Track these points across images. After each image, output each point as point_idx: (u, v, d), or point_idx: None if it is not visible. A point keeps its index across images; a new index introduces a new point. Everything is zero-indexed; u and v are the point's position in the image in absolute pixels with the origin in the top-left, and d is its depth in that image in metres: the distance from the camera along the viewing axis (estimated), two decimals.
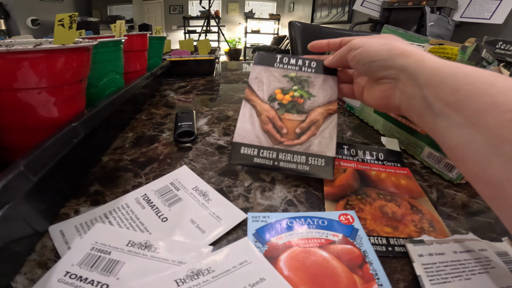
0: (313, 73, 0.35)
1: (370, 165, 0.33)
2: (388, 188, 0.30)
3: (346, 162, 0.33)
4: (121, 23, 0.45)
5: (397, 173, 0.32)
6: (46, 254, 0.20)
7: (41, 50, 0.22)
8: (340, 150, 0.35)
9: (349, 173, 0.31)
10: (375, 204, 0.27)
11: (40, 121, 0.24)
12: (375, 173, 0.32)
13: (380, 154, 0.35)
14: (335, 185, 0.29)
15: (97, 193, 0.27)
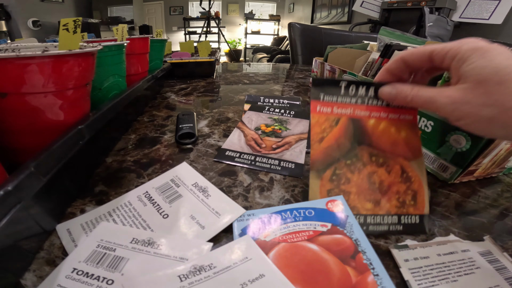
0: (291, 117, 0.50)
1: (370, 109, 0.26)
2: (383, 145, 0.26)
3: (340, 107, 0.26)
4: (123, 27, 0.46)
5: (401, 119, 0.26)
6: (54, 251, 0.21)
7: (49, 56, 0.23)
8: (336, 88, 0.26)
9: (341, 127, 0.26)
10: (364, 172, 0.25)
11: (47, 124, 0.25)
12: (373, 123, 0.26)
13: None
14: (323, 146, 0.26)
15: (101, 193, 0.28)
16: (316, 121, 0.26)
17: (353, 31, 1.53)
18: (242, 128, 0.45)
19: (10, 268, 0.18)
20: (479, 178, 0.34)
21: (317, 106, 0.26)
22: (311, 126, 0.26)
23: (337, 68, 0.61)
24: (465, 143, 0.30)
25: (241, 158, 0.36)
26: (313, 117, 0.26)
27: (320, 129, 0.26)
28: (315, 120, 0.26)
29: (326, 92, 0.26)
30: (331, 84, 0.26)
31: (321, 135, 0.26)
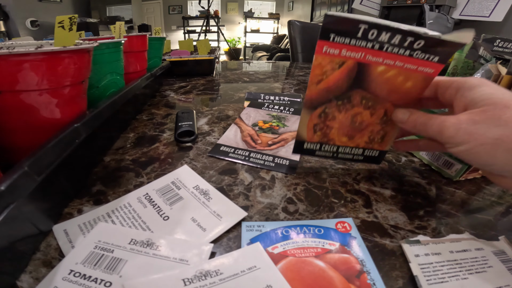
0: (290, 114, 0.50)
1: (385, 56, 0.22)
2: (380, 91, 0.25)
3: (351, 50, 0.23)
4: (120, 24, 0.45)
5: (417, 71, 0.23)
6: (51, 253, 0.21)
7: (43, 52, 0.22)
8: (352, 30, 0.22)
9: (344, 70, 0.24)
10: (350, 112, 0.27)
11: (42, 122, 0.25)
12: (381, 70, 0.23)
13: (419, 42, 0.21)
14: (320, 87, 0.25)
15: (99, 193, 0.28)
16: (319, 64, 0.24)
17: None
18: (239, 124, 0.45)
19: (5, 269, 0.18)
20: (484, 176, 0.33)
21: (323, 47, 0.23)
22: (312, 68, 0.24)
23: None
24: None
25: (235, 153, 0.36)
26: (316, 58, 0.24)
27: (321, 72, 0.24)
28: (318, 62, 0.24)
29: (339, 33, 0.22)
30: (347, 24, 0.22)
31: (321, 77, 0.25)
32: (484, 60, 0.36)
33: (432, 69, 0.23)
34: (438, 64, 0.22)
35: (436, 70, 0.22)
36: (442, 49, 0.21)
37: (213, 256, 0.21)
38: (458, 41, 0.20)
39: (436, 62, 0.22)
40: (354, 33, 0.22)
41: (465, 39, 0.20)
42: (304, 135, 0.29)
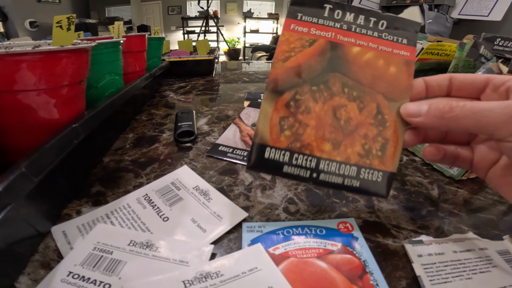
0: None
1: (356, 36, 0.22)
2: (363, 77, 0.21)
3: (320, 29, 0.22)
4: (119, 24, 0.45)
5: (394, 53, 0.21)
6: (49, 254, 0.20)
7: (40, 52, 0.22)
8: (318, 9, 0.22)
9: (316, 48, 0.21)
10: (330, 103, 0.21)
11: (40, 122, 0.25)
12: (357, 51, 0.21)
13: (382, 22, 0.22)
14: (287, 65, 0.21)
15: (98, 194, 0.27)
16: (286, 39, 0.21)
17: None
18: (239, 124, 0.45)
19: (4, 271, 0.18)
20: None
21: (291, 24, 0.22)
22: (278, 44, 0.21)
23: None
24: None
25: (233, 153, 0.36)
26: (283, 34, 0.22)
27: (289, 48, 0.21)
28: (285, 38, 0.21)
29: (306, 12, 0.22)
30: (313, 3, 0.22)
31: (288, 53, 0.21)
32: (485, 59, 0.36)
33: (407, 51, 0.22)
34: (409, 46, 0.22)
35: (412, 53, 0.22)
36: (403, 29, 0.22)
37: (213, 257, 0.20)
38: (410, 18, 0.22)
39: (407, 44, 0.22)
40: (320, 13, 0.22)
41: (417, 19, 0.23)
42: (266, 135, 0.20)
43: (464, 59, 0.35)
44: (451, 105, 0.17)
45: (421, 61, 0.39)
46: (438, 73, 0.39)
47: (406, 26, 0.22)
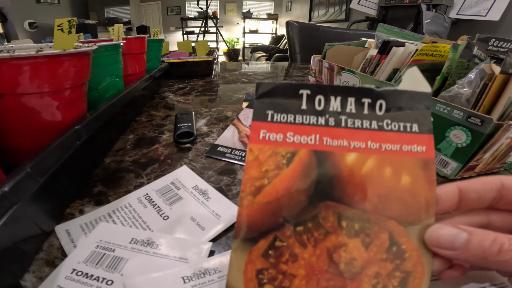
0: None
1: (350, 135, 0.16)
2: (367, 200, 0.15)
3: (300, 133, 0.16)
4: (119, 27, 0.45)
5: (404, 153, 0.16)
6: (53, 252, 0.21)
7: (43, 56, 0.23)
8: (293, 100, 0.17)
9: (297, 168, 0.16)
10: (324, 244, 0.15)
11: (43, 124, 0.25)
12: (353, 160, 0.16)
13: (380, 103, 0.16)
14: (260, 201, 0.15)
15: (100, 194, 0.28)
16: (255, 158, 0.16)
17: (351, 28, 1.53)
18: (237, 125, 0.46)
19: (9, 269, 0.18)
20: (480, 174, 0.34)
21: (260, 131, 0.16)
22: (245, 167, 0.16)
23: (335, 65, 0.61)
24: (465, 138, 0.30)
25: (232, 154, 0.37)
26: (250, 151, 0.16)
27: (260, 172, 0.16)
28: (253, 156, 0.16)
29: (278, 108, 0.17)
30: (285, 92, 0.17)
31: (260, 182, 0.16)
32: (479, 60, 0.36)
33: (422, 144, 0.16)
34: (423, 135, 0.16)
35: (429, 146, 0.16)
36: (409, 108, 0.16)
37: (212, 255, 0.21)
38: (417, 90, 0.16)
39: (419, 133, 0.16)
40: (297, 106, 0.17)
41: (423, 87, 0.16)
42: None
43: (458, 60, 0.36)
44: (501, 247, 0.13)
45: (415, 62, 0.39)
46: (433, 74, 0.40)
47: (413, 101, 0.16)
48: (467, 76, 0.33)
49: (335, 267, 0.15)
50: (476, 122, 0.29)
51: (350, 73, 0.55)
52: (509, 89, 0.29)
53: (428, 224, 0.15)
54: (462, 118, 0.30)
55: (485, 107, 0.30)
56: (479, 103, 0.31)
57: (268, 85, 0.17)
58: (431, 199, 0.15)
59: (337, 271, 0.15)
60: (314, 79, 0.75)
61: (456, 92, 0.33)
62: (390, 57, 0.45)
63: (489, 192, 0.15)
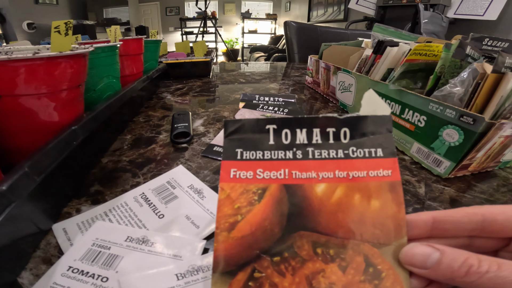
0: (284, 115, 0.48)
1: (317, 166, 0.17)
2: (339, 227, 0.16)
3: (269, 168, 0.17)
4: (116, 28, 0.46)
5: (371, 178, 0.17)
6: (50, 250, 0.22)
7: (40, 58, 0.23)
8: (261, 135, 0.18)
9: (268, 203, 0.17)
10: (302, 271, 0.16)
11: (41, 125, 0.26)
12: (322, 191, 0.16)
13: (344, 131, 0.17)
14: (235, 236, 0.16)
15: (97, 193, 0.29)
16: (227, 197, 0.17)
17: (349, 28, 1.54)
18: None
19: (7, 266, 0.19)
20: (474, 173, 0.34)
21: (230, 170, 0.17)
22: (218, 205, 0.17)
23: (331, 65, 0.61)
24: (458, 137, 0.30)
25: None
26: (221, 190, 0.17)
27: (232, 210, 0.16)
28: (225, 195, 0.17)
29: (246, 145, 0.17)
30: (253, 129, 0.17)
31: (234, 218, 0.16)
32: (472, 59, 0.37)
33: (387, 168, 0.17)
34: (387, 159, 0.17)
35: (394, 169, 0.17)
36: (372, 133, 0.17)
37: (206, 252, 0.22)
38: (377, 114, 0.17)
39: (383, 157, 0.17)
40: (265, 141, 0.17)
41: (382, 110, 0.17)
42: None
43: (451, 60, 0.36)
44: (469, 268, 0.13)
45: (409, 62, 0.40)
46: (427, 73, 0.41)
47: (375, 126, 0.17)
48: (460, 75, 0.33)
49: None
50: (468, 121, 0.29)
51: (346, 73, 0.55)
52: (501, 88, 0.29)
53: (401, 244, 0.16)
54: (454, 117, 0.30)
55: (477, 106, 0.31)
56: (471, 102, 0.31)
57: (236, 123, 0.18)
58: (401, 220, 0.16)
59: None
60: (311, 79, 0.76)
61: (449, 92, 0.33)
62: (384, 57, 0.46)
63: (468, 224, 0.15)
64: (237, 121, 0.17)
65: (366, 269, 0.15)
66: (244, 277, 0.16)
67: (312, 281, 0.15)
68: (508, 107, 0.29)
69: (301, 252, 0.16)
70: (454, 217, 0.15)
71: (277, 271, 0.16)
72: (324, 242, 0.16)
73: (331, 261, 0.16)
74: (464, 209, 0.15)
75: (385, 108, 0.17)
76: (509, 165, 0.37)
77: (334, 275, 0.16)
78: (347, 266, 0.16)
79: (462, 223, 0.15)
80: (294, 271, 0.16)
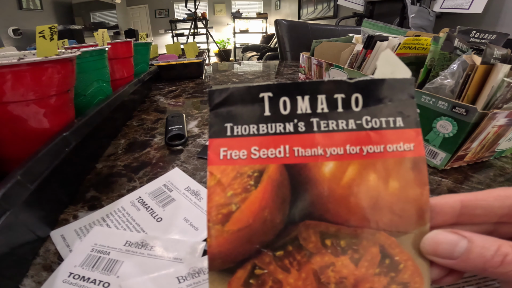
0: None
1: (324, 141, 0.14)
2: (351, 214, 0.14)
3: (266, 146, 0.14)
4: (103, 32, 0.45)
5: (389, 153, 0.14)
6: (50, 257, 0.21)
7: (26, 64, 0.23)
8: (254, 106, 0.14)
9: (267, 187, 0.14)
10: (309, 266, 0.14)
11: (31, 132, 0.25)
12: (331, 170, 0.14)
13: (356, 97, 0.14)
14: (230, 230, 0.14)
15: (93, 199, 0.28)
16: (217, 183, 0.14)
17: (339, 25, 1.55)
18: None
19: (8, 274, 0.18)
20: (470, 163, 0.34)
21: (220, 150, 0.14)
22: (208, 195, 0.14)
23: (323, 61, 0.62)
24: (452, 128, 0.31)
25: None
26: (210, 176, 0.14)
27: (225, 198, 0.14)
28: (215, 181, 0.14)
29: (237, 119, 0.14)
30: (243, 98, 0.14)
31: (227, 208, 0.14)
32: (461, 52, 0.37)
33: (409, 141, 0.14)
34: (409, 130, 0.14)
35: (418, 143, 0.14)
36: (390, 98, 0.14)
37: (206, 254, 0.21)
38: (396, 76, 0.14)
39: (404, 128, 0.14)
40: (259, 113, 0.14)
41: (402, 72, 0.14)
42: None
43: (440, 52, 0.37)
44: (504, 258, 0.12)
45: (399, 56, 0.40)
46: (417, 67, 0.41)
47: (394, 91, 0.14)
48: (450, 67, 0.34)
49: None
50: (461, 112, 0.29)
51: (338, 68, 0.56)
52: (491, 79, 0.30)
53: (422, 232, 0.13)
54: (447, 109, 0.31)
55: (469, 97, 0.31)
56: (463, 94, 0.31)
57: (223, 92, 0.14)
58: (424, 204, 0.13)
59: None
60: (304, 76, 0.76)
61: (440, 84, 0.34)
62: (375, 52, 0.46)
63: (500, 208, 0.13)
64: (224, 90, 0.14)
65: (381, 261, 0.13)
66: (244, 275, 0.14)
67: (321, 276, 0.14)
68: (500, 97, 0.30)
69: (307, 244, 0.14)
70: (485, 201, 0.13)
71: (281, 266, 0.14)
72: (334, 232, 0.14)
73: (342, 254, 0.14)
74: (496, 191, 0.13)
75: (406, 71, 0.14)
76: (504, 155, 0.37)
77: (346, 268, 0.14)
78: (360, 259, 0.14)
79: (494, 208, 0.13)
80: (300, 266, 0.14)
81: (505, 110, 0.28)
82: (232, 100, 0.14)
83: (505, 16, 1.51)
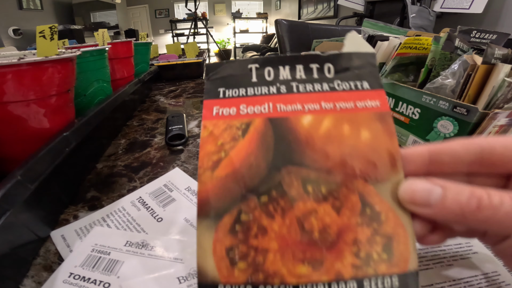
0: None
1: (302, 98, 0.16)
2: (330, 160, 0.15)
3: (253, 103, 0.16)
4: (103, 32, 0.45)
5: (359, 109, 0.16)
6: (50, 257, 0.21)
7: (26, 63, 0.23)
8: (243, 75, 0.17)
9: (253, 137, 0.16)
10: (293, 213, 0.14)
11: (31, 132, 0.25)
12: (309, 122, 0.16)
13: (328, 67, 0.17)
14: (219, 175, 0.15)
15: (94, 199, 0.28)
16: (209, 134, 0.16)
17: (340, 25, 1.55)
18: None
19: (8, 274, 0.18)
20: None
21: (213, 108, 0.16)
22: (200, 144, 0.16)
23: None
24: (453, 128, 0.31)
25: None
26: (204, 128, 0.16)
27: (215, 147, 0.16)
28: (208, 133, 0.16)
29: (229, 84, 0.17)
30: (235, 69, 0.17)
31: (217, 155, 0.15)
32: (462, 51, 0.37)
33: (375, 99, 0.16)
34: (374, 91, 0.16)
35: (382, 100, 0.16)
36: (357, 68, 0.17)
37: None
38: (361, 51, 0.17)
39: (370, 89, 0.16)
40: (247, 79, 0.17)
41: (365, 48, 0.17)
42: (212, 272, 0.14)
43: (440, 52, 0.37)
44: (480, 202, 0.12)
45: (400, 56, 0.40)
46: (418, 66, 0.41)
47: (359, 61, 0.17)
48: (450, 67, 0.34)
49: (309, 236, 0.14)
50: (462, 112, 0.29)
51: None
52: (492, 79, 0.30)
53: (398, 181, 0.14)
54: (448, 109, 0.31)
55: (470, 97, 0.31)
56: (464, 94, 0.31)
57: (218, 65, 0.17)
58: (395, 151, 0.15)
59: (311, 241, 0.14)
60: None
61: (441, 84, 0.34)
62: (375, 51, 0.46)
63: (466, 155, 0.14)
64: (219, 63, 0.18)
65: (363, 210, 0.14)
66: (231, 220, 0.15)
67: (304, 224, 0.14)
68: (501, 97, 0.30)
69: (290, 190, 0.15)
70: (450, 148, 0.14)
71: (266, 212, 0.15)
72: (315, 178, 0.15)
73: (323, 200, 0.15)
74: (460, 140, 0.14)
75: (368, 47, 0.17)
76: None
77: (328, 216, 0.14)
78: (342, 207, 0.14)
79: (460, 155, 0.14)
80: (284, 212, 0.15)
81: (506, 110, 0.28)
82: (225, 71, 0.17)
83: (505, 16, 1.51)
